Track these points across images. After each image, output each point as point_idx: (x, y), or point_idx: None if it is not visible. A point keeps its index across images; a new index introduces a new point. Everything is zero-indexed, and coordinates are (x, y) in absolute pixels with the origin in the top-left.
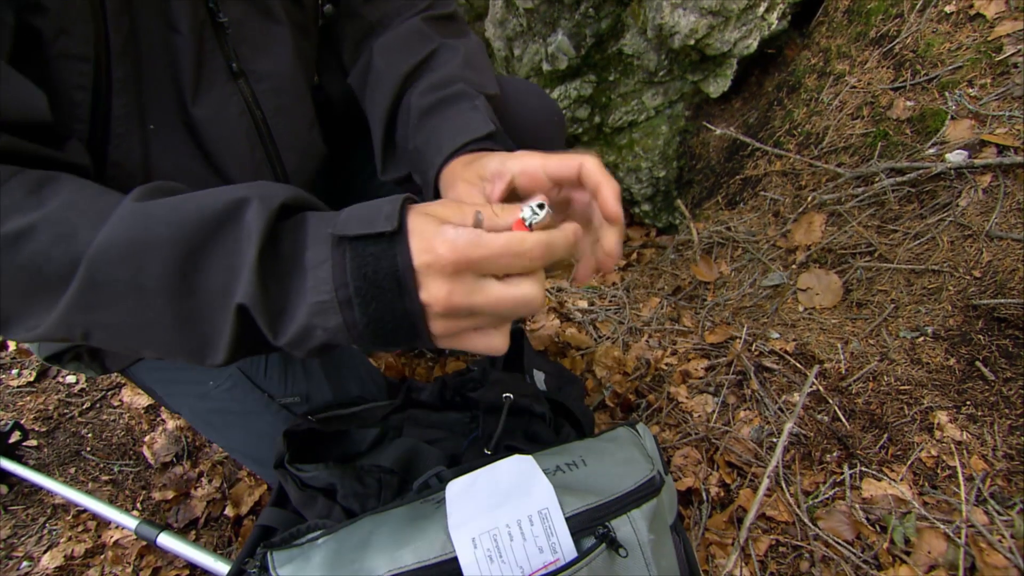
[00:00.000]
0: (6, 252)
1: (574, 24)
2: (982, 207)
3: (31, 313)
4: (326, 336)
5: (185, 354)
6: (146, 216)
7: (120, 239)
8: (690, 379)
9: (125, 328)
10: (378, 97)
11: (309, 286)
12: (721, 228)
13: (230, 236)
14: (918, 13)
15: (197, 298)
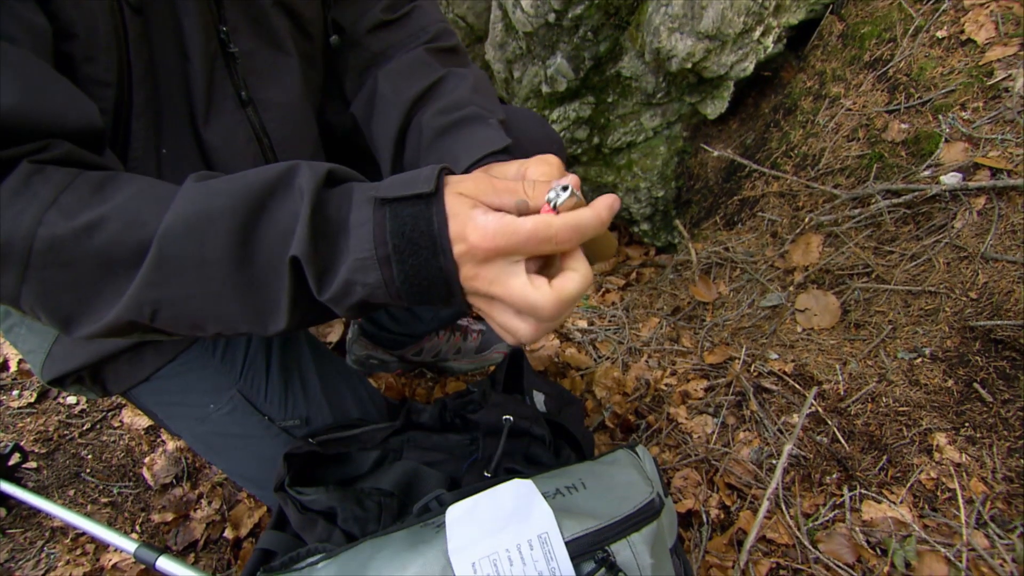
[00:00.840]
0: (80, 243)
1: (573, 47)
2: (977, 229)
3: (101, 301)
4: (365, 292)
5: (249, 321)
6: (207, 191)
7: (185, 214)
8: (690, 400)
9: (193, 301)
10: (386, 121)
11: (352, 244)
12: (719, 248)
13: (284, 199)
14: (910, 38)
15: (257, 261)
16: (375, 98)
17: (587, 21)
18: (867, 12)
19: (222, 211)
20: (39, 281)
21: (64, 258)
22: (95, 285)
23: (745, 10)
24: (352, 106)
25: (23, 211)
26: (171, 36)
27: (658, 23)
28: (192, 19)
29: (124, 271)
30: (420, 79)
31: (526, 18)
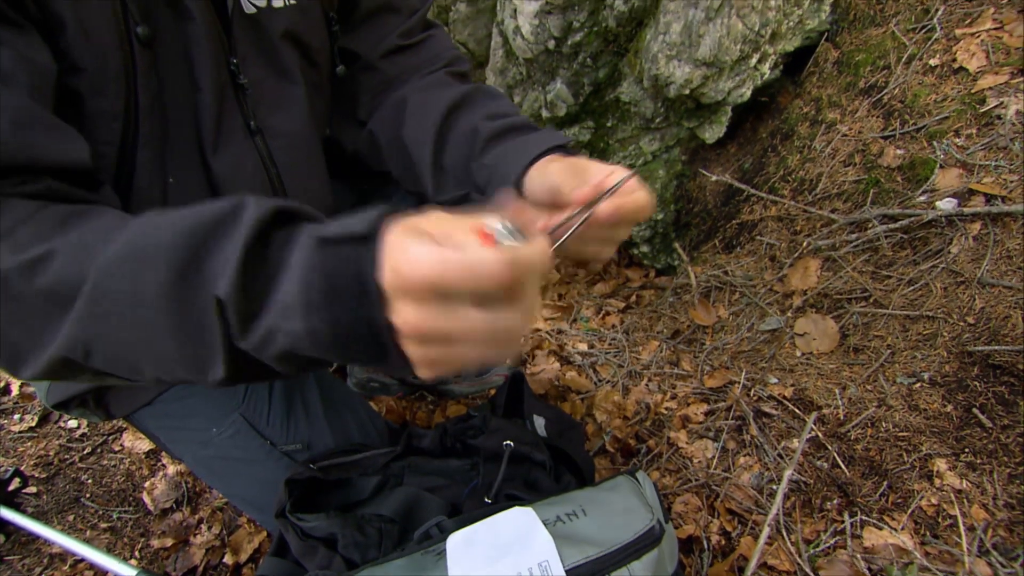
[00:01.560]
0: (24, 279)
1: (572, 73)
2: (973, 254)
3: (42, 339)
4: (287, 342)
5: (186, 367)
6: (152, 225)
7: (124, 247)
8: (690, 424)
9: (127, 341)
10: (421, 125)
11: (282, 287)
12: (719, 272)
13: (224, 237)
14: (904, 65)
15: (194, 302)
16: (404, 109)
17: (586, 48)
18: (861, 40)
19: (160, 246)
20: None
21: (9, 293)
22: (38, 322)
23: (742, 38)
24: (371, 122)
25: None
26: (181, 68)
27: (656, 50)
28: (203, 51)
29: (65, 304)
30: (451, 91)
31: (526, 45)
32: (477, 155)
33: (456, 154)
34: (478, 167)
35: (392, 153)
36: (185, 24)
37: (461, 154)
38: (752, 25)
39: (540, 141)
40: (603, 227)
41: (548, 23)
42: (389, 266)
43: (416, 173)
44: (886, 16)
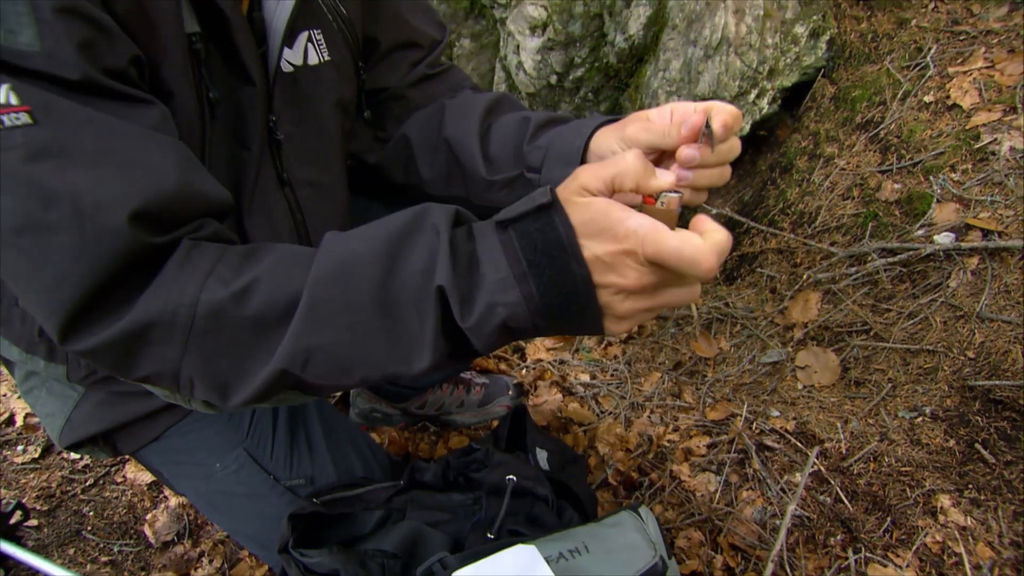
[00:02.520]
0: (237, 306)
1: (574, 107)
2: (972, 288)
3: (256, 363)
4: (506, 312)
5: (395, 360)
6: (346, 241)
7: (330, 264)
8: (692, 457)
9: (343, 345)
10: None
11: (485, 269)
12: (720, 304)
13: (419, 238)
14: (899, 102)
15: (400, 300)
16: (443, 112)
17: (588, 83)
18: (857, 76)
19: (363, 256)
20: (200, 348)
21: (223, 322)
22: (250, 347)
23: (740, 74)
24: (405, 127)
25: (187, 283)
26: (233, 127)
27: (656, 87)
28: (255, 113)
29: (277, 327)
30: (485, 95)
31: (529, 80)
32: (529, 139)
33: (504, 142)
34: (531, 149)
35: (432, 155)
36: (243, 88)
37: (511, 141)
38: (750, 62)
39: (593, 120)
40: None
41: (550, 59)
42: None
43: (466, 167)
44: (880, 53)
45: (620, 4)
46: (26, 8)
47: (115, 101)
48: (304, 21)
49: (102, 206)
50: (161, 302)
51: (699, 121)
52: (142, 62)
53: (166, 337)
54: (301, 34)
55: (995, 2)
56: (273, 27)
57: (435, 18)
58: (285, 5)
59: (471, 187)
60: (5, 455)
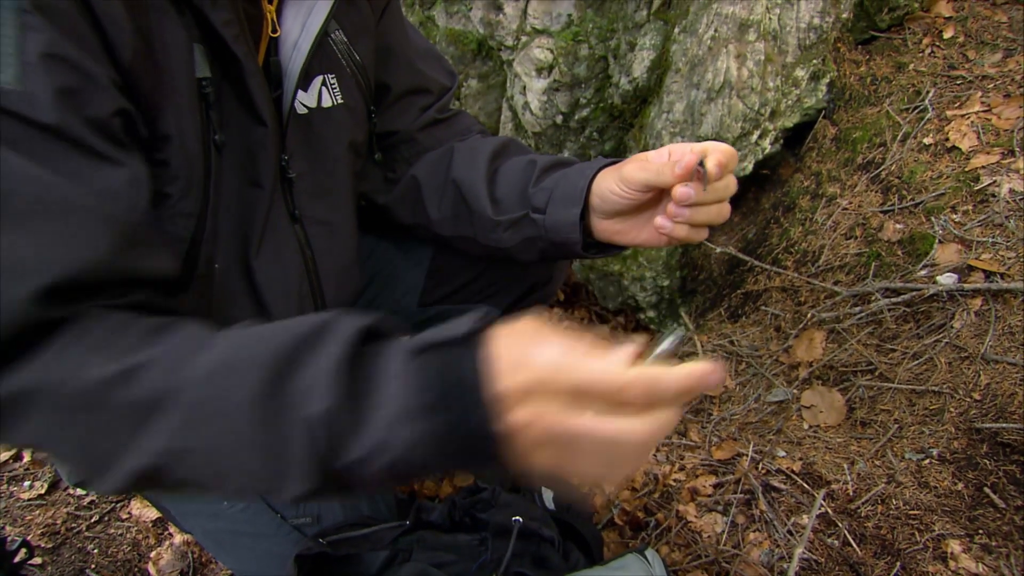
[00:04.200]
0: (116, 390)
1: (580, 146)
2: (976, 330)
3: (126, 452)
4: (392, 455)
5: (267, 480)
6: (241, 339)
7: (216, 360)
8: (698, 496)
9: (213, 454)
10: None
11: (380, 402)
12: (725, 342)
13: (317, 351)
14: (899, 143)
15: (283, 416)
16: (452, 154)
17: (592, 123)
18: (857, 118)
19: (251, 360)
20: (74, 426)
21: (105, 400)
22: (123, 433)
23: (742, 116)
24: (414, 168)
25: (72, 356)
26: (244, 166)
27: (660, 128)
28: (268, 153)
29: (152, 418)
30: (493, 139)
31: (535, 119)
32: (535, 182)
33: (510, 185)
34: (536, 192)
35: (440, 196)
36: (255, 128)
37: (517, 184)
38: (752, 105)
39: (596, 163)
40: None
41: (556, 99)
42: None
43: (472, 207)
44: (880, 96)
45: (624, 48)
46: (13, 49)
47: (82, 154)
48: (319, 66)
49: (14, 272)
50: (40, 374)
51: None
52: (130, 114)
53: (45, 409)
54: (316, 78)
55: (989, 48)
56: (288, 71)
57: (446, 66)
58: (300, 51)
59: (478, 227)
60: (12, 491)
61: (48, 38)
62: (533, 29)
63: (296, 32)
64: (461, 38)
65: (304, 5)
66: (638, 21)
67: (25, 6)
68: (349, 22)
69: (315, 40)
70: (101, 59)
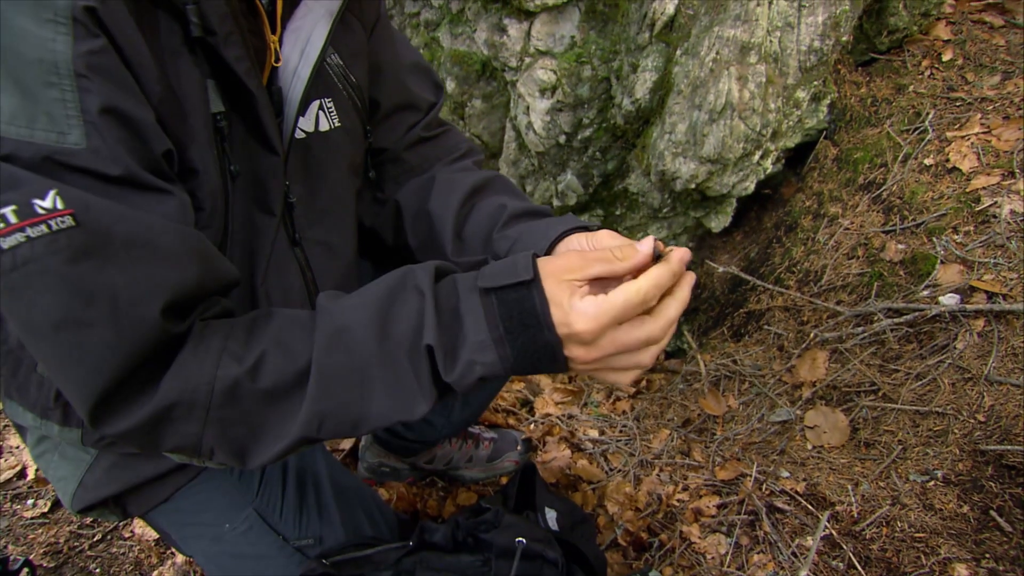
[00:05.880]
0: (248, 382)
1: (582, 165)
2: (979, 351)
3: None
4: (483, 370)
5: (399, 411)
6: (341, 307)
7: (330, 331)
8: (702, 517)
9: (352, 404)
10: (447, 200)
11: (468, 329)
12: (728, 361)
13: (406, 300)
14: (900, 164)
15: (397, 359)
16: (432, 186)
17: (595, 143)
18: (858, 139)
19: (359, 321)
20: (219, 421)
21: (239, 396)
22: (267, 415)
23: (744, 137)
24: (399, 195)
25: (203, 363)
26: (254, 194)
27: (662, 148)
28: (277, 180)
29: (289, 396)
30: (476, 174)
31: (538, 139)
32: (501, 227)
33: (478, 226)
34: (500, 238)
35: (415, 224)
36: (266, 157)
37: (484, 226)
38: (753, 126)
39: (566, 221)
40: None
41: (559, 119)
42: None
43: (437, 242)
44: (880, 117)
45: (627, 69)
46: (76, 111)
47: (146, 193)
48: (317, 91)
49: (136, 302)
50: (181, 383)
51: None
52: (171, 153)
53: (188, 414)
54: (313, 103)
55: (988, 70)
56: (289, 98)
57: (432, 79)
58: (300, 78)
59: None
60: (15, 509)
61: (103, 96)
62: (536, 50)
63: (295, 59)
64: (465, 59)
65: (302, 33)
66: (640, 43)
67: (80, 70)
68: (345, 46)
69: (314, 66)
70: (144, 104)
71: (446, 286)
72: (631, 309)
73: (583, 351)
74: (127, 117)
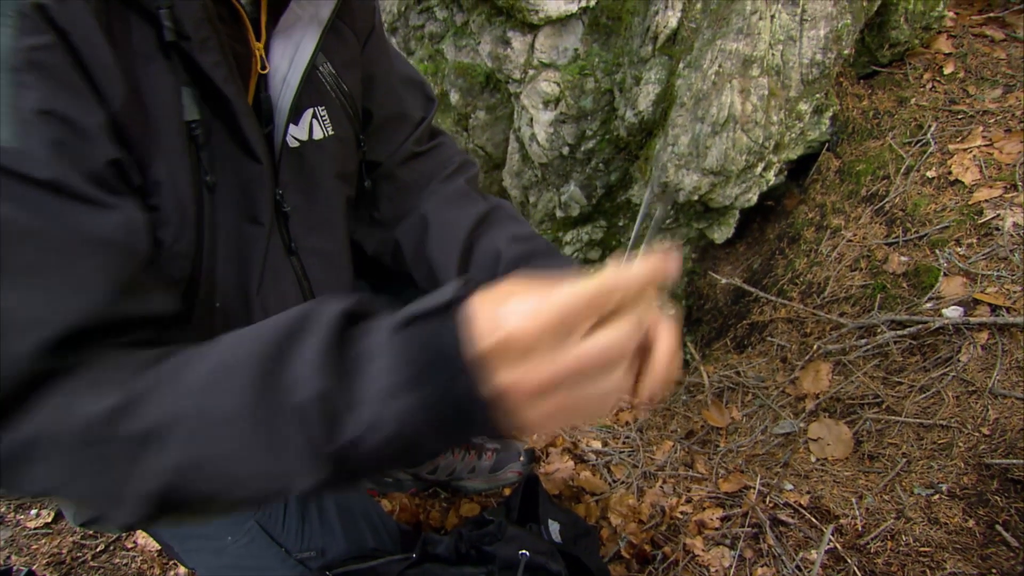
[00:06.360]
0: (119, 421)
1: (585, 177)
2: (983, 363)
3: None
4: (388, 430)
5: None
6: (229, 342)
7: (208, 369)
8: (706, 530)
9: (222, 462)
10: (446, 244)
11: (369, 378)
12: (731, 373)
13: (303, 340)
14: (903, 176)
15: (278, 409)
16: (427, 225)
17: (598, 154)
18: (860, 151)
19: (241, 361)
20: (83, 465)
21: (104, 438)
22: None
23: (747, 149)
24: (398, 232)
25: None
26: (241, 204)
27: (665, 160)
28: (264, 189)
29: (159, 438)
30: (471, 207)
31: (542, 151)
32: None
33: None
34: None
35: (416, 265)
36: (250, 166)
37: (484, 276)
38: (756, 138)
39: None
40: None
41: (562, 131)
42: (490, 328)
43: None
44: (882, 130)
45: (630, 82)
46: (9, 107)
47: (76, 204)
48: (309, 99)
49: (16, 328)
50: (41, 422)
51: None
52: (122, 162)
53: (47, 457)
54: (306, 111)
55: (989, 84)
56: (278, 107)
57: (424, 91)
58: (289, 86)
59: None
60: (18, 519)
61: (41, 94)
62: (540, 63)
63: (285, 67)
64: (469, 71)
65: (292, 40)
66: (643, 56)
67: (18, 64)
68: (336, 54)
69: (303, 74)
70: (93, 109)
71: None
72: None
73: (522, 372)
74: (67, 120)
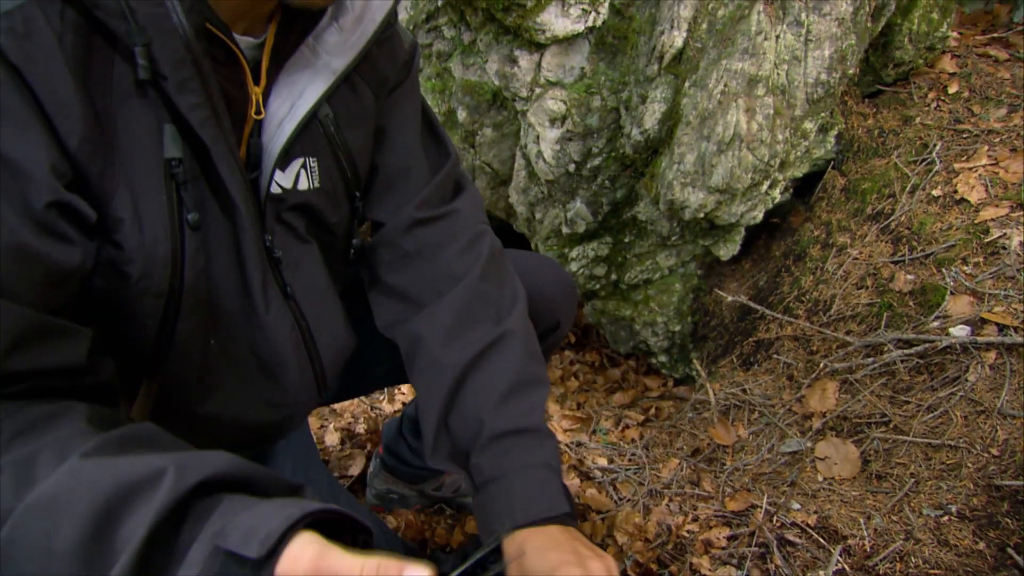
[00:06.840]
0: None
1: (591, 193)
2: (991, 383)
3: None
4: None
5: None
6: (77, 474)
7: (46, 495)
8: (712, 549)
9: None
10: (434, 383)
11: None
12: (737, 390)
13: (140, 505)
14: (908, 194)
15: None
16: (419, 349)
17: (604, 171)
18: (866, 169)
19: (81, 500)
20: None
21: None
22: None
23: (752, 167)
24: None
25: None
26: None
27: (671, 178)
28: (248, 235)
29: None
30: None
31: (548, 168)
32: (478, 450)
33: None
34: (476, 468)
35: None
36: (232, 213)
37: (465, 436)
38: (762, 156)
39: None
40: None
41: (569, 148)
42: None
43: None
44: (888, 148)
45: (636, 100)
46: None
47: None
48: (301, 148)
49: None
50: None
51: None
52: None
53: None
54: (296, 159)
55: (994, 103)
56: (268, 151)
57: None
58: (283, 132)
59: None
60: None
61: None
62: (547, 81)
63: (283, 112)
64: (477, 89)
65: (296, 87)
66: (649, 75)
67: None
68: (344, 106)
69: (301, 122)
70: (42, 149)
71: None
72: None
73: None
74: (6, 159)
